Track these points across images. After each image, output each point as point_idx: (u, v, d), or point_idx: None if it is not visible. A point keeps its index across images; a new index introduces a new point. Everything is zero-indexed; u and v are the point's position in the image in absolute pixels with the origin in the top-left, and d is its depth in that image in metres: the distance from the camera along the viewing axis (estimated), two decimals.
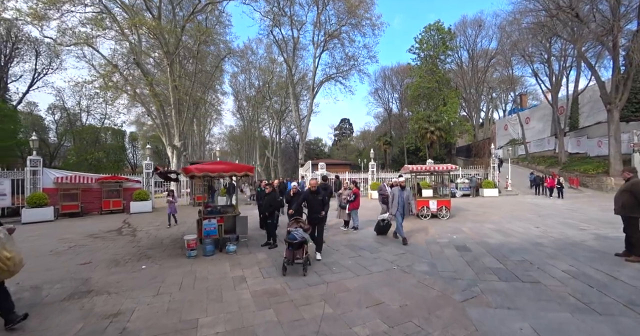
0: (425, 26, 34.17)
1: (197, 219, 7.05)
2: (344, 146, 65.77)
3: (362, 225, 9.39)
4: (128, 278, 5.20)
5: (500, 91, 46.02)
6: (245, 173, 6.63)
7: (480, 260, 5.67)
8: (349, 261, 5.76)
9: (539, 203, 15.01)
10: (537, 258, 5.65)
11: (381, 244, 7.15)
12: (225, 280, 4.96)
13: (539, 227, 8.73)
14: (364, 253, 6.35)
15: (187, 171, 6.17)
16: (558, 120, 28.86)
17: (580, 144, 28.58)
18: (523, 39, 28.59)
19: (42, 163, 14.81)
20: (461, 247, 6.66)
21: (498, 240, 7.31)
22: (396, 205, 7.19)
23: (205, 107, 37.21)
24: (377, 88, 49.01)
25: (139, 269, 5.75)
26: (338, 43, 29.95)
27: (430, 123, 32.78)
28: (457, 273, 4.97)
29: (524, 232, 8.17)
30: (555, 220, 10.02)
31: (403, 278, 4.84)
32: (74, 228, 11.15)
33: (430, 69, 33.59)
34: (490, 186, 19.98)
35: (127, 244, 8.06)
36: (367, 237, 7.98)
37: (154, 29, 19.10)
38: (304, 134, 31.67)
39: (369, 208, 13.76)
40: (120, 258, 6.61)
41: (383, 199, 9.98)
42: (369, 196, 19.95)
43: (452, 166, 10.94)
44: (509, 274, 4.85)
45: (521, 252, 6.16)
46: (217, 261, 6.10)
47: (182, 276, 5.20)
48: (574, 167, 25.18)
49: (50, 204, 13.95)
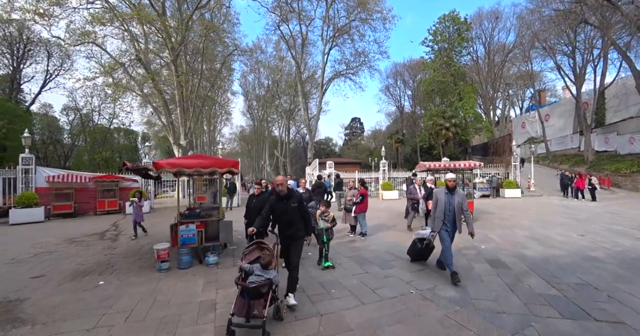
0: (439, 17, 32.38)
1: (171, 224, 5.95)
2: (355, 145, 64.24)
3: (372, 230, 8.14)
4: (72, 301, 4.12)
5: (517, 88, 43.80)
6: (230, 170, 5.50)
7: (524, 281, 4.36)
8: (353, 281, 4.53)
9: (570, 206, 13.42)
10: (600, 281, 4.30)
11: (393, 256, 5.88)
12: (190, 307, 3.82)
13: (584, 235, 7.29)
14: (373, 269, 5.11)
15: (158, 166, 5.08)
16: (584, 115, 26.81)
17: (608, 141, 26.48)
18: (545, 28, 26.72)
19: (34, 161, 14.10)
20: (494, 261, 5.34)
21: (538, 251, 5.95)
22: (440, 216, 4.63)
23: (215, 107, 36.89)
24: (388, 85, 47.39)
25: (94, 286, 4.69)
26: (348, 38, 28.76)
27: (446, 119, 31.04)
28: (497, 302, 3.69)
29: (567, 241, 6.78)
30: (598, 226, 8.54)
31: (424, 308, 3.59)
32: (58, 230, 10.31)
33: (445, 62, 31.81)
34: (512, 186, 18.41)
35: (101, 251, 7.06)
36: (376, 246, 6.72)
37: (155, 22, 18.41)
38: (313, 133, 30.56)
39: (379, 209, 12.50)
40: (83, 269, 5.58)
41: (413, 204, 8.41)
42: (380, 197, 18.67)
43: (474, 163, 9.58)
44: (572, 306, 3.54)
45: (575, 269, 4.81)
46: (190, 277, 4.98)
47: (139, 299, 4.09)
48: (603, 166, 23.28)
49: (43, 204, 13.26)
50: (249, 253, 3.55)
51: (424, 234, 5.13)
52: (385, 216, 11.08)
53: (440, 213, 4.63)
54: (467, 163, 9.63)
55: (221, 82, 31.50)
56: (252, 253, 3.55)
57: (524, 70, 35.34)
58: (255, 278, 3.12)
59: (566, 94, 38.46)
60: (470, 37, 32.90)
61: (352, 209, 7.47)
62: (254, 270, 3.20)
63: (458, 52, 32.47)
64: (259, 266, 3.24)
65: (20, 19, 19.80)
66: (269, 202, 3.99)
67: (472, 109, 30.85)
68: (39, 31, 29.14)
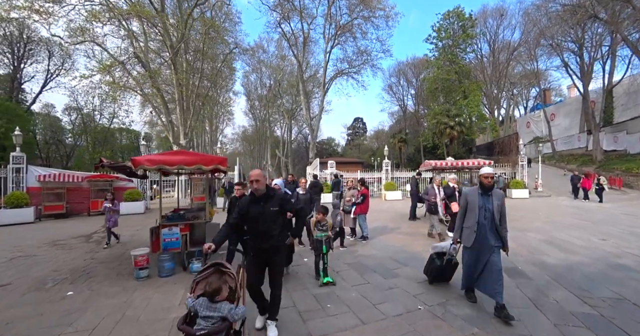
0: (443, 13, 31.59)
1: (152, 228, 5.41)
2: (357, 145, 63.67)
3: (373, 233, 7.58)
4: (31, 315, 3.60)
5: (521, 87, 43.07)
6: (216, 167, 4.96)
7: (550, 295, 3.79)
8: (352, 294, 3.97)
9: (581, 207, 12.77)
10: (638, 295, 3.73)
11: (398, 263, 5.32)
12: (162, 324, 3.28)
13: (606, 240, 6.69)
14: (375, 279, 4.55)
15: (136, 163, 4.56)
16: (592, 114, 26.09)
17: (618, 140, 25.80)
18: (552, 24, 26.06)
19: (26, 160, 13.67)
20: (511, 269, 4.75)
21: (559, 258, 5.37)
22: (473, 225, 3.45)
23: (217, 107, 36.60)
24: (391, 84, 46.80)
25: (61, 297, 4.17)
26: (350, 37, 28.29)
27: (450, 117, 30.33)
28: (523, 323, 3.11)
29: (587, 246, 6.19)
30: (618, 229, 7.93)
31: (435, 330, 3.03)
32: (45, 232, 9.83)
33: (449, 59, 31.14)
34: (520, 186, 17.78)
35: (82, 255, 6.55)
36: (378, 251, 6.15)
37: (153, 18, 18.06)
38: (315, 132, 30.07)
39: (382, 210, 11.93)
40: (56, 276, 5.08)
41: (430, 207, 7.27)
42: (382, 197, 18.12)
43: (483, 161, 9.00)
44: (613, 329, 2.96)
45: (604, 280, 4.24)
46: (170, 287, 4.45)
47: (106, 314, 3.57)
48: (613, 166, 22.59)
49: (34, 204, 12.83)
50: (203, 280, 2.43)
51: (443, 247, 4.06)
52: (387, 217, 10.50)
53: (473, 222, 3.42)
54: (475, 161, 9.07)
55: (223, 82, 31.15)
56: (206, 283, 2.38)
57: (529, 69, 34.73)
58: (204, 324, 2.15)
59: (571, 93, 37.81)
60: (474, 33, 32.19)
61: (351, 210, 6.89)
62: (200, 309, 2.18)
63: (463, 49, 31.78)
64: (206, 300, 2.23)
65: (19, 17, 19.53)
66: (238, 204, 3.08)
67: (477, 107, 30.12)
68: (40, 30, 29.01)
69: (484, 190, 3.49)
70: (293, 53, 29.32)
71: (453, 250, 3.84)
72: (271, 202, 2.97)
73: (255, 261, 3.03)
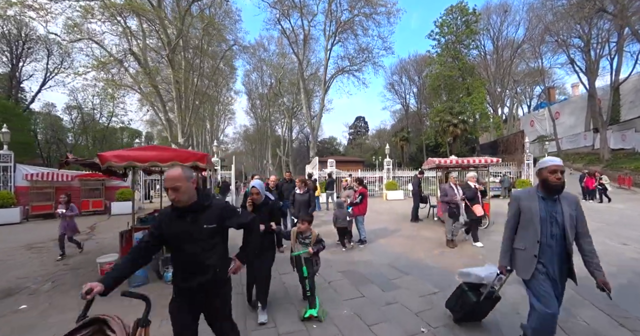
0: (446, 8, 30.88)
1: (121, 231, 4.88)
2: (359, 145, 63.11)
3: (372, 236, 7.02)
4: None
5: (525, 85, 42.40)
6: (194, 164, 4.41)
7: (577, 313, 3.23)
8: (344, 310, 3.40)
9: (593, 208, 12.07)
10: None
11: (398, 271, 4.75)
12: None
13: (628, 244, 6.10)
14: (371, 291, 3.98)
15: (103, 159, 4.01)
16: (599, 112, 25.39)
17: (626, 139, 25.12)
18: (558, 19, 25.41)
19: (13, 158, 13.18)
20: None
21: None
22: (534, 247, 2.30)
23: (218, 106, 36.23)
24: (393, 82, 46.24)
25: (13, 311, 3.66)
26: (351, 34, 27.85)
27: (453, 115, 29.71)
28: None
29: (609, 251, 5.60)
30: (637, 231, 7.35)
31: None
32: (27, 233, 9.40)
33: (452, 55, 30.49)
34: (526, 186, 17.18)
35: (54, 260, 6.05)
36: (376, 257, 5.59)
37: (148, 13, 17.65)
38: (316, 131, 29.59)
39: (382, 211, 11.36)
40: (14, 286, 4.57)
41: (452, 210, 6.23)
42: (383, 197, 17.58)
43: (490, 159, 8.42)
44: None
45: (635, 292, 3.68)
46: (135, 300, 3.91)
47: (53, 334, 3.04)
48: (621, 165, 21.95)
49: (21, 204, 12.39)
50: None
51: (478, 277, 2.88)
52: (387, 219, 9.93)
53: (533, 242, 2.29)
54: (481, 159, 8.48)
55: (223, 80, 30.72)
56: None
57: (533, 67, 34.12)
58: None
59: (575, 91, 37.16)
60: (478, 29, 31.52)
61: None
62: None
63: (466, 45, 31.10)
64: None
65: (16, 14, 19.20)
66: (155, 220, 2.11)
67: (481, 105, 29.44)
68: (38, 28, 28.73)
69: (548, 192, 2.30)
70: (293, 51, 28.91)
71: (498, 281, 2.75)
72: (203, 215, 1.93)
73: (180, 306, 1.99)
